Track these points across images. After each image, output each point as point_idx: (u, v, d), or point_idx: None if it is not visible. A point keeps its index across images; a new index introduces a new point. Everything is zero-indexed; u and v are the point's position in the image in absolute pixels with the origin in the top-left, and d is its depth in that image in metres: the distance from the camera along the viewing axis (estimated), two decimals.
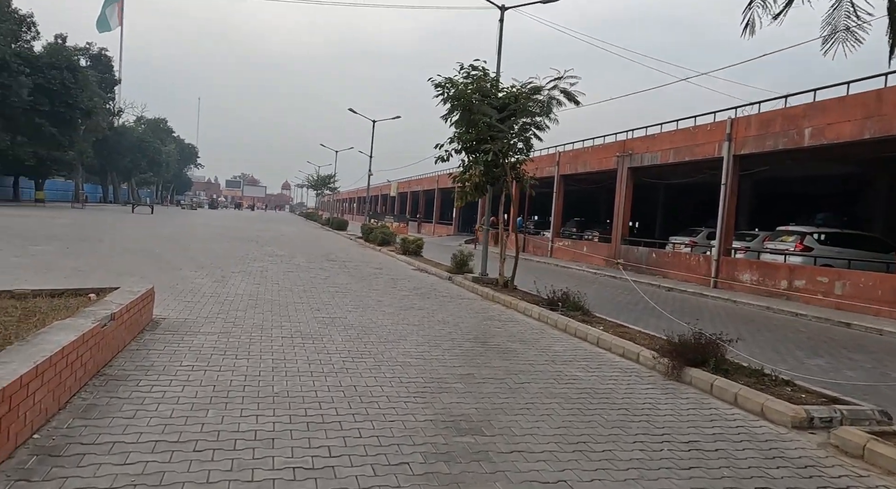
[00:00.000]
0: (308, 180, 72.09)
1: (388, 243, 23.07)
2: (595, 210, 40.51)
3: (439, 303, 9.83)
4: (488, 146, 10.40)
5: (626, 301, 12.66)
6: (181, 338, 5.80)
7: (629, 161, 20.44)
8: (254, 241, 20.81)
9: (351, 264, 15.44)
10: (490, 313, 9.21)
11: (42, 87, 35.26)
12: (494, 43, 11.64)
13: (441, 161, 11.48)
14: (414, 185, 53.03)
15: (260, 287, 9.78)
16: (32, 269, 9.57)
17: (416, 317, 8.24)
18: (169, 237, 19.71)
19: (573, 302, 9.04)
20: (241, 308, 7.72)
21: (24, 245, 13.21)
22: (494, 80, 11.19)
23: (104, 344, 4.49)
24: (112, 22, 67.05)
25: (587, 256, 22.83)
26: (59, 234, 17.04)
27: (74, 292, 5.65)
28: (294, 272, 12.40)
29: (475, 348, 6.55)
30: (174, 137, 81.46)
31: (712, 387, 5.29)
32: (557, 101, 10.08)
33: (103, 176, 62.17)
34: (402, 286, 11.68)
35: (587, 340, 7.42)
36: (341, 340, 6.35)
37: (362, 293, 10.13)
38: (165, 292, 8.34)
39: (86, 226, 22.07)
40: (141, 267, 11.06)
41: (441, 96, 11.31)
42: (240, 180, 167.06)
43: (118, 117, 57.16)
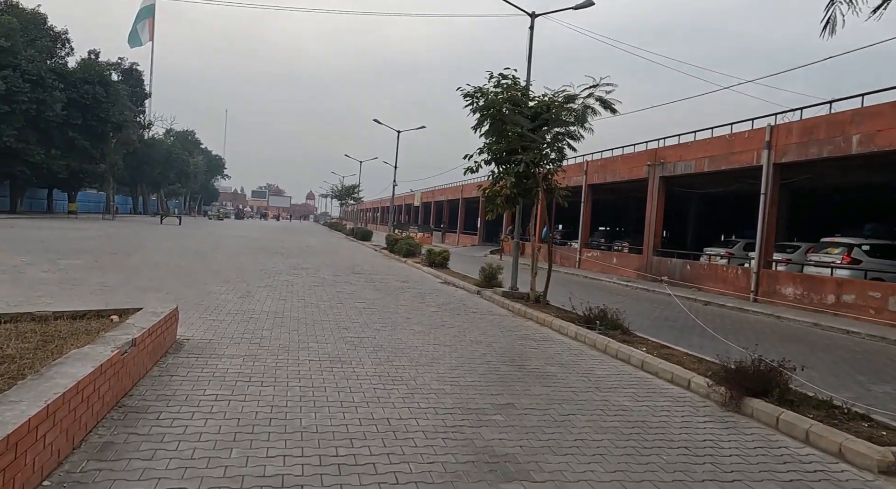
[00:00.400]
0: (332, 190, 72.50)
1: (413, 254, 22.81)
2: (623, 220, 39.76)
3: (470, 320, 9.46)
4: (519, 157, 10.05)
5: (664, 317, 12.12)
6: (205, 361, 5.53)
7: (661, 170, 19.85)
8: (279, 254, 20.73)
9: (377, 277, 15.17)
10: (523, 331, 8.80)
11: (75, 101, 36.10)
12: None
13: (470, 172, 11.17)
14: (438, 195, 52.87)
15: (285, 303, 9.54)
16: (59, 285, 9.49)
17: (447, 336, 7.89)
18: (195, 250, 19.74)
19: (611, 320, 8.60)
20: (266, 327, 7.46)
21: (53, 259, 13.25)
22: (525, 88, 10.84)
23: (124, 372, 4.23)
24: (143, 37, 68.66)
25: (617, 268, 22.22)
26: (88, 248, 17.16)
27: (97, 314, 5.44)
28: (320, 286, 12.17)
29: (512, 373, 6.16)
30: (202, 149, 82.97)
31: (778, 421, 4.81)
32: (592, 109, 9.69)
33: (133, 187, 63.45)
34: (430, 301, 11.35)
35: (630, 363, 6.97)
36: (371, 364, 6.02)
37: (390, 309, 9.82)
38: (190, 310, 8.15)
39: (115, 238, 22.29)
40: (167, 282, 10.93)
41: (470, 106, 11.02)
42: (265, 191, 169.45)
43: (148, 130, 58.35)
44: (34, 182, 38.06)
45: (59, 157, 36.55)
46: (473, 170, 11.12)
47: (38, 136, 34.72)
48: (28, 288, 8.93)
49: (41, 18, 36.80)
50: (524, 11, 12.19)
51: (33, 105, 33.29)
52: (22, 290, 8.67)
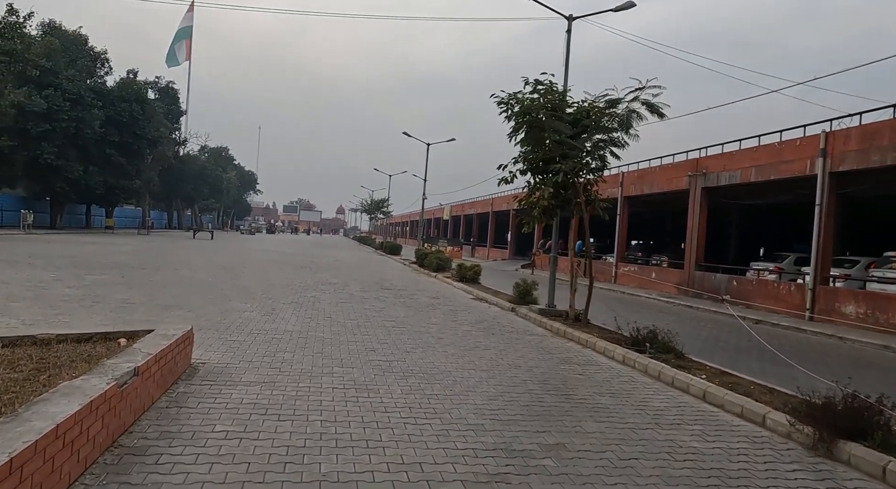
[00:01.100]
0: (362, 204, 72.79)
1: (443, 269, 22.25)
2: (657, 233, 38.50)
3: (506, 340, 8.80)
4: (558, 166, 9.41)
5: (714, 337, 11.23)
6: (219, 390, 5.03)
7: (703, 180, 18.91)
8: (307, 268, 20.42)
9: (406, 293, 14.63)
10: (565, 354, 8.10)
11: (112, 118, 36.89)
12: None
13: (504, 183, 10.57)
14: (467, 209, 52.36)
15: (311, 321, 9.05)
16: (81, 302, 9.20)
17: (483, 359, 7.25)
18: (224, 264, 19.57)
19: (662, 342, 7.85)
20: (288, 349, 6.95)
21: (81, 274, 13.11)
22: (562, 94, 10.23)
23: (123, 407, 3.73)
24: (180, 57, 70.54)
25: (656, 283, 21.22)
26: (118, 262, 17.10)
27: (104, 336, 5.00)
28: (347, 303, 11.68)
29: (559, 404, 5.48)
30: (235, 165, 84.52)
31: (885, 471, 4.03)
32: (637, 114, 9.01)
33: (168, 203, 64.76)
34: (463, 319, 10.73)
35: (689, 393, 6.21)
36: (401, 393, 5.43)
37: (420, 328, 9.24)
38: (210, 329, 7.72)
39: (146, 253, 22.35)
40: (190, 298, 10.58)
41: (505, 114, 10.46)
42: (296, 205, 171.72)
43: (183, 146, 59.58)
44: (73, 198, 38.90)
45: (97, 174, 37.33)
46: (508, 180, 10.53)
47: (77, 153, 35.53)
48: (49, 305, 8.65)
49: (82, 39, 37.90)
50: (561, 14, 11.61)
51: (73, 123, 34.10)
52: (42, 308, 8.38)
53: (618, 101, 8.99)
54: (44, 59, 30.77)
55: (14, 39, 26.05)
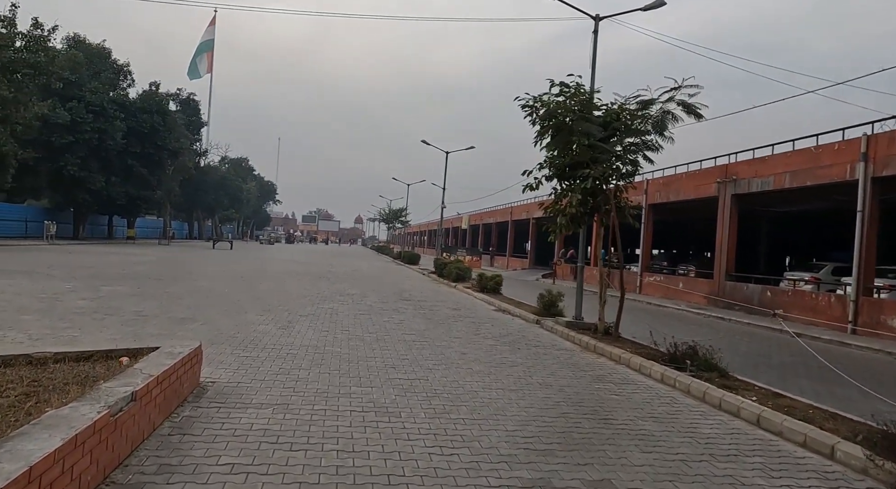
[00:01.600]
0: (380, 214, 72.72)
1: (463, 279, 21.78)
2: (682, 242, 37.62)
3: (533, 356, 8.30)
4: (587, 171, 8.92)
5: (755, 352, 10.59)
6: (227, 414, 4.62)
7: (733, 187, 18.22)
8: (325, 278, 20.10)
9: (426, 304, 14.19)
10: (598, 371, 7.57)
11: (134, 129, 37.29)
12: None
13: (529, 189, 10.11)
14: (486, 218, 51.89)
15: (328, 335, 8.65)
16: (93, 314, 8.93)
17: (511, 377, 6.76)
18: (242, 274, 19.35)
19: (704, 359, 7.27)
20: (304, 365, 6.54)
21: (97, 285, 12.92)
22: (590, 95, 9.75)
23: (117, 437, 3.34)
24: (202, 69, 71.55)
25: (684, 293, 20.49)
26: (136, 273, 16.96)
27: (105, 355, 4.64)
28: (366, 315, 11.28)
29: (598, 430, 4.97)
30: (255, 175, 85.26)
31: None
32: (673, 115, 8.50)
33: (189, 213, 65.41)
34: (486, 332, 10.25)
35: (740, 417, 5.65)
36: (424, 416, 4.98)
37: (442, 342, 8.78)
38: (223, 344, 7.35)
39: (164, 263, 22.27)
40: (205, 310, 10.27)
41: (529, 117, 10.02)
42: (315, 215, 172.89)
43: (204, 157, 60.21)
44: (95, 209, 39.35)
45: (119, 185, 37.71)
46: (533, 187, 10.06)
47: (99, 164, 35.93)
48: (59, 318, 8.38)
49: (106, 52, 38.47)
50: (587, 14, 11.17)
51: (96, 134, 34.52)
52: (52, 321, 8.11)
53: (651, 101, 8.49)
54: (67, 71, 31.17)
55: (38, 52, 26.41)
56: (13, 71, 25.80)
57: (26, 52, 26.08)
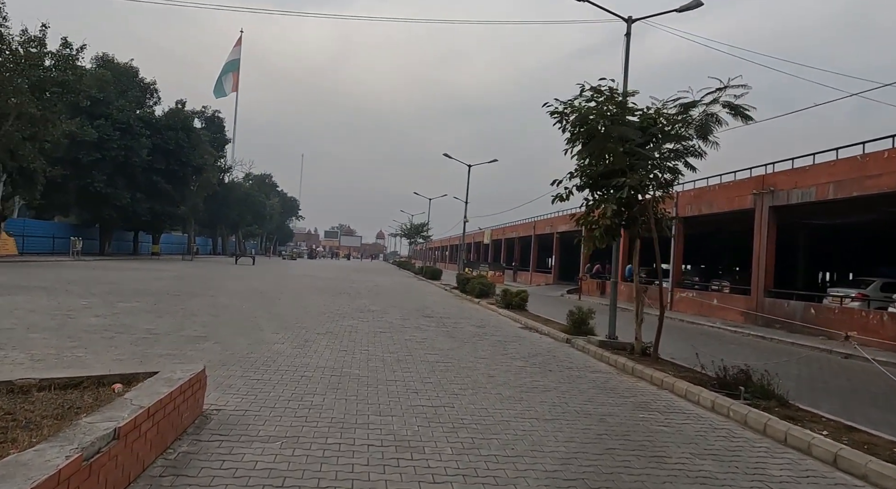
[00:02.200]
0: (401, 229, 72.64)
1: (486, 295, 21.16)
2: (714, 256, 36.41)
3: (566, 379, 7.65)
4: (622, 180, 8.31)
5: (808, 376, 9.74)
6: (230, 449, 4.10)
7: (770, 199, 17.35)
8: (345, 294, 19.67)
9: (449, 321, 13.61)
10: (640, 397, 6.89)
11: (159, 146, 37.73)
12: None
13: (559, 200, 9.52)
14: (508, 232, 51.21)
15: (346, 355, 8.13)
16: (103, 332, 8.56)
17: (545, 404, 6.14)
18: (262, 290, 19.02)
19: (759, 385, 6.56)
20: (319, 390, 6.01)
21: (114, 302, 12.65)
22: (623, 98, 9.16)
23: (91, 484, 2.83)
24: (227, 88, 72.97)
25: (718, 310, 19.54)
26: (155, 289, 16.73)
27: (97, 381, 4.18)
28: (386, 333, 10.74)
29: (651, 470, 4.33)
30: (278, 191, 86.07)
31: None
32: (717, 118, 7.88)
33: (213, 229, 66.05)
34: (514, 352, 9.62)
35: (812, 455, 4.94)
36: (451, 452, 4.40)
37: (468, 363, 8.19)
38: (234, 365, 6.88)
39: (185, 279, 22.10)
40: (220, 328, 9.85)
41: (559, 124, 9.48)
42: (337, 231, 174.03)
43: (228, 174, 60.89)
44: (120, 225, 39.77)
45: (143, 201, 38.08)
46: (563, 198, 9.47)
47: (125, 180, 36.35)
48: (68, 336, 8.02)
49: (133, 71, 39.18)
50: (619, 17, 10.64)
51: (122, 152, 34.98)
52: (60, 339, 7.75)
53: (693, 104, 7.88)
54: (95, 90, 31.68)
55: (67, 71, 26.84)
56: (42, 89, 26.24)
57: (55, 71, 26.53)
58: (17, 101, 24.84)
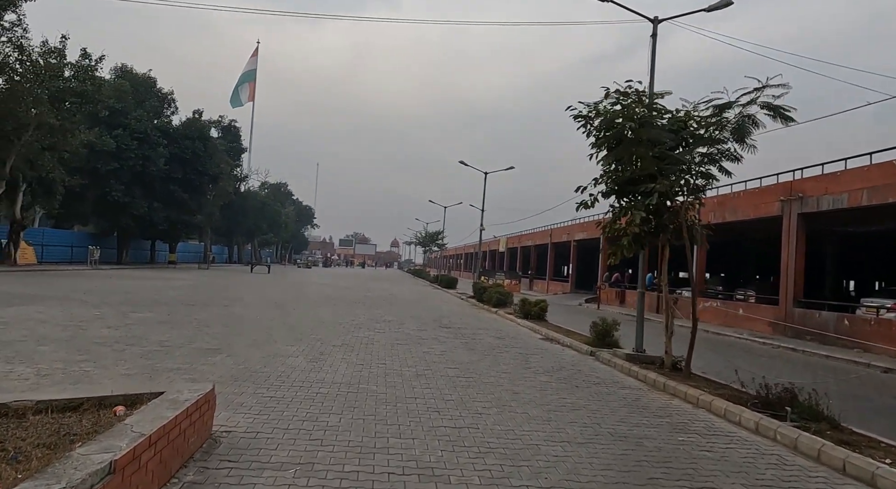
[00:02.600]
0: (416, 237, 72.44)
1: (503, 304, 20.74)
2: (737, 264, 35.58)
3: (595, 396, 7.23)
4: (651, 186, 7.92)
5: (851, 393, 9.20)
6: (239, 478, 3.77)
7: (799, 206, 16.77)
8: (361, 303, 19.38)
9: (467, 332, 13.23)
10: (676, 417, 6.45)
11: (176, 155, 37.96)
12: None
13: (584, 207, 9.14)
14: (524, 240, 50.74)
15: (363, 370, 7.79)
16: (114, 345, 8.33)
17: (576, 425, 5.74)
18: (277, 300, 18.81)
19: (807, 405, 6.08)
20: (335, 408, 5.68)
21: (127, 312, 12.48)
22: (650, 100, 8.77)
23: None
24: (243, 98, 73.62)
25: (745, 320, 18.91)
26: (170, 298, 16.59)
27: (98, 403, 3.88)
28: (404, 345, 10.40)
29: None
30: (293, 200, 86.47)
31: None
32: (754, 120, 7.45)
33: (229, 237, 66.36)
34: (537, 365, 9.22)
35: (878, 487, 4.48)
36: (479, 483, 4.03)
37: (490, 378, 7.80)
38: (247, 381, 6.57)
39: (200, 288, 21.99)
40: (233, 339, 9.58)
41: (583, 129, 9.13)
42: (352, 239, 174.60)
43: (245, 182, 61.25)
44: (138, 234, 40.01)
45: (160, 210, 38.27)
46: (588, 205, 9.08)
47: (142, 190, 36.58)
48: (77, 349, 7.79)
49: (151, 81, 39.52)
50: (645, 17, 10.27)
51: (139, 161, 35.21)
52: (69, 352, 7.52)
53: (728, 105, 7.46)
54: (113, 100, 31.96)
55: (86, 81, 27.08)
56: (62, 100, 26.49)
57: (74, 82, 26.79)
58: (37, 112, 25.10)
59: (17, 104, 24.49)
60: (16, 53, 24.15)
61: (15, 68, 24.39)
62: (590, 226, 37.21)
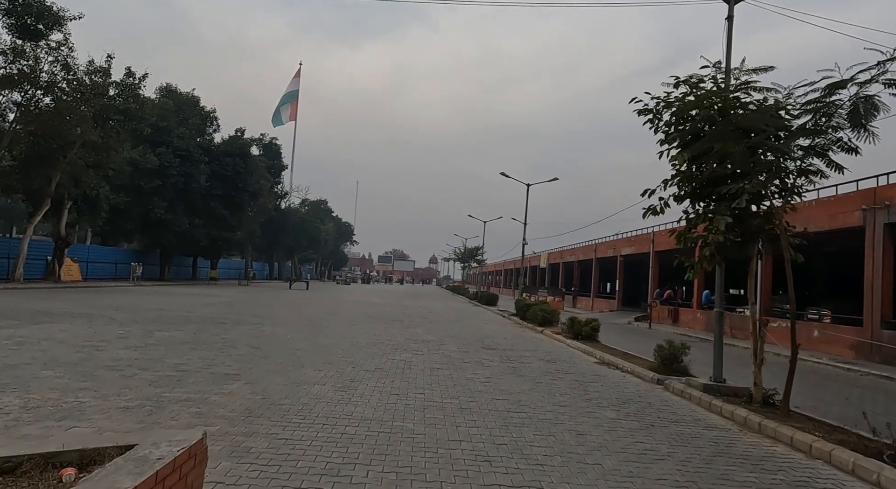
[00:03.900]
0: (455, 253, 71.49)
1: (549, 322, 19.39)
2: (807, 279, 32.98)
3: (679, 439, 5.94)
4: (740, 185, 6.63)
5: None
6: None
7: (886, 215, 14.96)
8: (398, 321, 18.39)
9: (513, 354, 12.02)
10: (791, 472, 5.10)
11: (217, 173, 38.22)
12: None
13: (652, 214, 7.89)
14: (567, 256, 49.04)
15: (398, 401, 6.71)
16: (125, 369, 7.52)
17: (666, 484, 4.49)
18: (311, 317, 18.01)
19: None
20: (362, 458, 4.60)
21: (152, 330, 11.82)
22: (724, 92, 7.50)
23: None
24: (284, 117, 74.78)
25: (821, 342, 17.02)
26: (202, 316, 15.98)
27: (44, 461, 2.91)
28: (444, 369, 9.29)
29: None
30: (333, 217, 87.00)
31: None
32: (872, 102, 6.12)
33: (270, 254, 66.88)
34: (597, 396, 7.96)
35: None
36: None
37: (546, 414, 6.60)
38: (262, 416, 5.58)
39: (235, 305, 21.44)
40: (256, 363, 8.67)
41: (650, 124, 7.94)
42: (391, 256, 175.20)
43: (285, 199, 61.73)
44: (180, 250, 40.33)
45: (201, 226, 38.50)
46: (658, 211, 7.83)
47: (184, 206, 36.88)
48: (83, 374, 7.00)
49: (194, 100, 40.13)
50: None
51: (181, 178, 35.55)
52: (72, 378, 6.73)
53: (842, 83, 6.14)
54: (155, 118, 32.36)
55: (129, 99, 27.38)
56: (106, 118, 26.81)
57: (118, 99, 27.11)
58: (82, 130, 25.42)
59: (63, 122, 24.85)
60: (62, 72, 24.55)
61: (62, 87, 24.81)
62: (637, 240, 35.45)
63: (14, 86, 23.53)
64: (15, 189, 26.27)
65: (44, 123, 24.48)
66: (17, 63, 23.14)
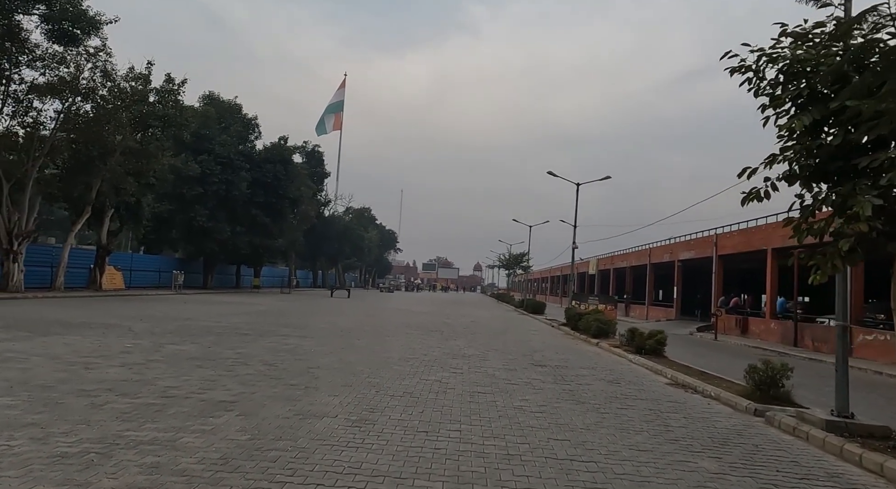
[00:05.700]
0: (500, 260, 69.64)
1: (605, 334, 17.47)
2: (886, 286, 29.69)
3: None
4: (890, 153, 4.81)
5: None
6: None
7: None
8: (438, 332, 16.88)
9: (568, 373, 10.29)
10: None
11: (258, 180, 37.87)
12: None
13: (754, 200, 6.10)
14: (618, 261, 46.45)
15: (426, 443, 5.16)
16: (100, 394, 6.29)
17: None
18: (345, 327, 16.73)
19: None
20: None
21: (164, 344, 10.77)
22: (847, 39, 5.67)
23: None
24: (328, 126, 75.03)
25: None
26: (228, 326, 14.94)
27: None
28: (487, 394, 7.69)
29: None
30: (376, 224, 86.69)
31: None
32: None
33: (313, 262, 66.77)
34: (684, 434, 6.18)
35: None
36: None
37: (625, 466, 4.91)
38: (236, 470, 4.12)
39: (268, 314, 20.44)
40: (261, 386, 7.30)
41: (748, 85, 6.19)
42: (435, 263, 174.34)
43: (328, 207, 61.50)
44: (222, 258, 40.17)
45: (243, 234, 38.18)
46: (761, 197, 6.03)
47: (226, 214, 36.63)
48: (45, 402, 5.79)
49: (237, 108, 40.08)
50: None
51: (223, 185, 35.31)
52: (26, 408, 5.51)
53: None
54: (195, 124, 32.14)
55: (168, 105, 27.09)
56: (145, 125, 26.59)
57: (158, 106, 26.85)
58: (122, 138, 25.21)
59: (103, 129, 24.67)
60: (102, 79, 24.39)
61: (102, 95, 24.65)
62: (697, 243, 32.81)
63: (56, 93, 23.48)
64: (56, 197, 26.30)
65: (84, 131, 24.36)
66: (58, 70, 23.09)
